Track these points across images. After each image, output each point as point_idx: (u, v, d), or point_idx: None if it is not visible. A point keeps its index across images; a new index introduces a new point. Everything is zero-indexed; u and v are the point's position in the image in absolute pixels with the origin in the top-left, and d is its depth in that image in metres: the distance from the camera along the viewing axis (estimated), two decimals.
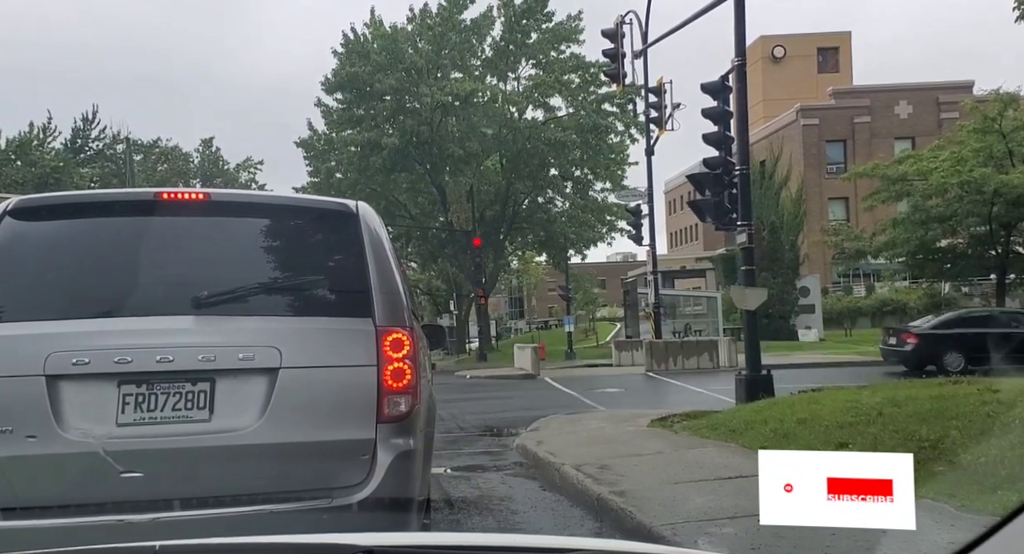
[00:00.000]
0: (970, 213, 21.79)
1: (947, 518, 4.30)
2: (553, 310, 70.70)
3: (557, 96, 33.81)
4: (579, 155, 33.65)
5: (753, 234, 11.66)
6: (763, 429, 7.49)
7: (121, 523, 2.96)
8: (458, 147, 31.37)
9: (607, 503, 5.54)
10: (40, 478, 3.06)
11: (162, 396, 3.15)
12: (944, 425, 6.06)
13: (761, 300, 11.38)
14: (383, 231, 3.78)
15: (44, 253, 3.44)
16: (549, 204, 37.62)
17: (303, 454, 3.21)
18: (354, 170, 33.14)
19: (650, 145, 22.17)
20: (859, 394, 8.26)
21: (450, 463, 8.28)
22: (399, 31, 32.92)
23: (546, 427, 9.93)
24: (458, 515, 5.96)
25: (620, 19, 19.17)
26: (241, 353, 3.21)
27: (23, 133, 44.94)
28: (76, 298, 3.32)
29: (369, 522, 3.20)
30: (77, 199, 4.04)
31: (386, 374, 3.31)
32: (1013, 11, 16.80)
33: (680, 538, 4.44)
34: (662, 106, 20.49)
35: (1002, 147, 21.37)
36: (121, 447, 3.05)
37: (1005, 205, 21.03)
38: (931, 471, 5.20)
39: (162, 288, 3.38)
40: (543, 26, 33.61)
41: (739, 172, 11.49)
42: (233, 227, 3.65)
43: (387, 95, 31.89)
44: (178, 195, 3.62)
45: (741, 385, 10.85)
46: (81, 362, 3.10)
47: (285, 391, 3.20)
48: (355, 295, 3.45)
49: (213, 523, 2.98)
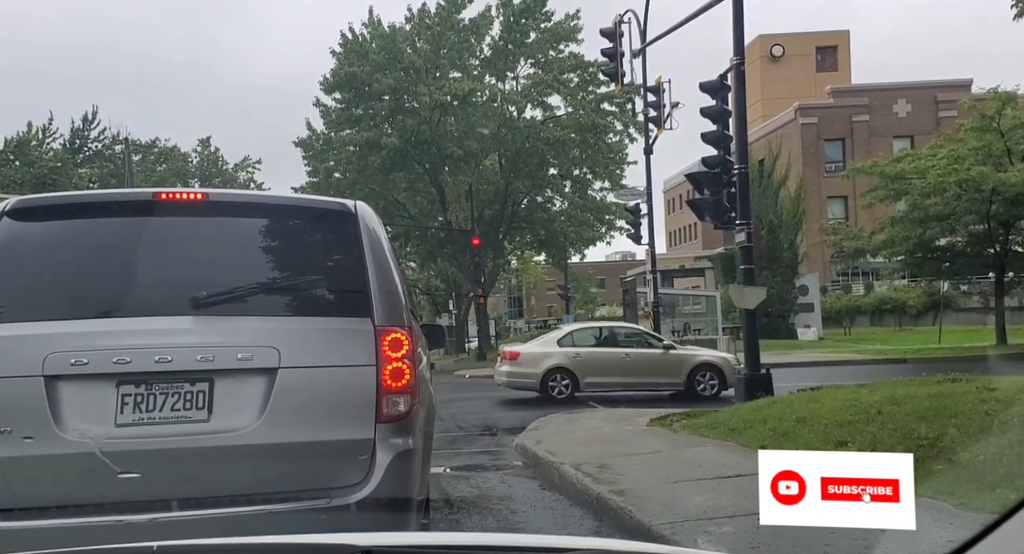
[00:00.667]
0: (968, 211, 21.78)
1: (946, 516, 4.30)
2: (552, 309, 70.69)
3: (556, 95, 33.79)
4: (578, 154, 33.64)
5: (752, 233, 11.68)
6: (762, 428, 7.49)
7: (120, 523, 2.96)
8: (457, 147, 31.35)
9: (606, 502, 5.55)
10: (39, 479, 3.05)
11: (161, 396, 3.15)
12: (943, 423, 6.07)
13: (760, 299, 11.40)
14: (382, 231, 3.77)
15: (42, 253, 3.43)
16: (548, 203, 37.60)
17: (302, 454, 3.20)
18: (353, 170, 33.11)
19: (649, 144, 22.14)
20: (858, 393, 8.26)
21: (449, 463, 8.29)
22: (398, 31, 32.89)
23: (545, 426, 9.93)
24: (458, 515, 5.96)
25: (619, 18, 19.15)
26: (240, 353, 3.20)
27: (22, 133, 44.92)
28: (75, 298, 3.32)
29: (368, 522, 3.19)
30: (75, 199, 4.04)
31: (385, 374, 3.31)
32: (1012, 8, 16.83)
33: (679, 537, 4.44)
34: (661, 105, 20.47)
35: (1000, 145, 21.36)
36: (120, 447, 3.05)
37: (1003, 203, 21.02)
38: (930, 469, 5.21)
39: (161, 288, 3.38)
40: (542, 25, 33.57)
41: (738, 171, 11.50)
42: (231, 227, 3.65)
43: (386, 95, 31.85)
44: (176, 195, 3.61)
45: (740, 384, 10.87)
46: (80, 362, 3.10)
47: (284, 391, 3.20)
48: (354, 295, 3.45)
49: (212, 523, 2.98)
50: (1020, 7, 16.83)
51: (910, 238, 23.32)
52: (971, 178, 20.53)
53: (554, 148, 32.78)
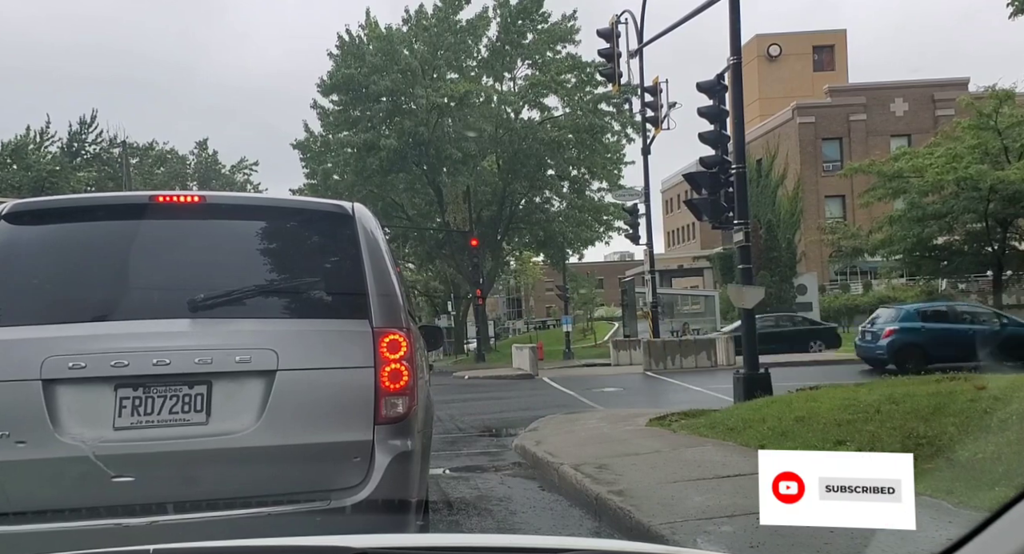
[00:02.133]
0: (966, 210, 21.82)
1: (944, 514, 4.31)
2: (551, 310, 70.72)
3: (553, 96, 33.84)
4: (576, 155, 33.69)
5: (750, 232, 11.68)
6: (761, 427, 7.49)
7: (118, 527, 2.96)
8: (455, 148, 31.37)
9: (606, 502, 5.54)
10: (37, 482, 3.05)
11: (159, 399, 3.15)
12: (941, 422, 6.07)
13: (758, 298, 11.39)
14: (380, 232, 3.77)
15: (40, 257, 3.43)
16: (546, 204, 37.64)
17: (300, 456, 3.20)
18: (351, 171, 33.14)
19: (646, 144, 22.17)
20: (857, 392, 8.27)
21: (448, 464, 8.28)
22: (394, 32, 32.92)
23: (544, 427, 9.92)
24: (457, 516, 5.95)
25: (615, 19, 19.17)
26: (238, 356, 3.20)
27: (19, 137, 44.85)
28: (72, 302, 3.32)
29: (367, 524, 3.19)
30: (73, 203, 4.03)
31: (383, 375, 3.31)
32: (1008, 7, 16.85)
33: (679, 537, 4.44)
34: (658, 105, 20.51)
35: (997, 143, 21.39)
36: (118, 451, 3.05)
37: (1001, 202, 21.07)
38: (928, 468, 5.21)
39: (158, 291, 3.38)
40: (539, 27, 33.61)
41: (735, 171, 11.49)
42: (229, 230, 3.65)
43: (383, 96, 31.89)
44: (173, 198, 3.61)
45: (739, 383, 10.86)
46: (77, 366, 3.09)
47: (282, 393, 3.20)
48: (352, 297, 3.45)
49: (210, 526, 2.98)
50: (1016, 5, 16.84)
51: (908, 237, 23.36)
52: (969, 176, 20.57)
53: (552, 149, 32.83)
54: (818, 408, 7.62)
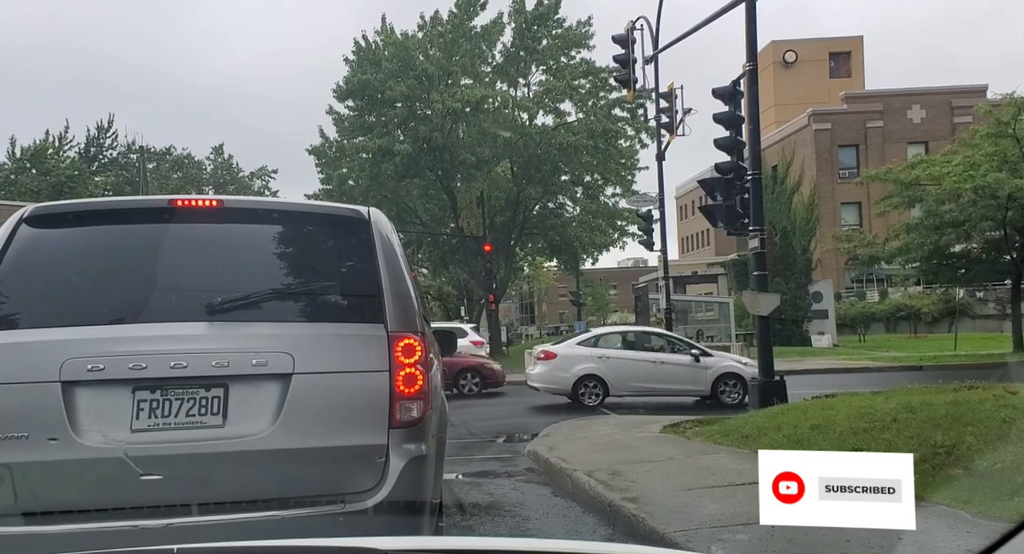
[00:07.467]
0: (984, 218, 21.61)
1: (963, 524, 4.26)
2: (564, 315, 70.61)
3: (568, 101, 33.82)
4: (590, 160, 33.64)
5: (765, 239, 11.63)
6: (776, 435, 7.44)
7: (136, 528, 2.98)
8: (469, 153, 31.42)
9: (619, 509, 5.52)
10: (55, 484, 3.07)
11: (176, 402, 3.17)
12: (960, 431, 6.01)
13: (774, 305, 11.34)
14: (395, 237, 3.79)
15: (59, 260, 3.46)
16: (560, 209, 37.60)
17: (316, 459, 3.21)
18: (366, 177, 33.22)
19: (661, 150, 22.10)
20: (873, 400, 8.20)
21: (462, 469, 8.28)
22: (410, 38, 33.02)
23: (557, 433, 9.91)
24: (470, 521, 5.95)
25: (631, 24, 19.15)
26: (254, 359, 3.22)
27: (38, 141, 45.36)
28: (91, 305, 3.34)
29: (382, 527, 3.20)
30: (91, 206, 4.06)
31: (398, 379, 3.32)
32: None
33: (693, 544, 4.42)
34: (673, 111, 20.46)
35: (1016, 151, 21.19)
36: (135, 453, 3.07)
37: (1019, 210, 20.87)
38: (946, 477, 5.16)
39: (176, 294, 3.40)
40: (554, 32, 33.64)
41: (751, 177, 11.46)
42: (246, 234, 3.67)
43: (398, 102, 31.98)
44: (191, 202, 3.64)
45: (754, 391, 10.81)
46: (96, 368, 3.12)
47: (298, 396, 3.21)
48: (367, 301, 3.46)
49: (226, 528, 2.99)
50: None
51: (925, 245, 23.17)
52: (987, 184, 20.38)
53: (566, 154, 32.79)
54: (834, 416, 7.55)
